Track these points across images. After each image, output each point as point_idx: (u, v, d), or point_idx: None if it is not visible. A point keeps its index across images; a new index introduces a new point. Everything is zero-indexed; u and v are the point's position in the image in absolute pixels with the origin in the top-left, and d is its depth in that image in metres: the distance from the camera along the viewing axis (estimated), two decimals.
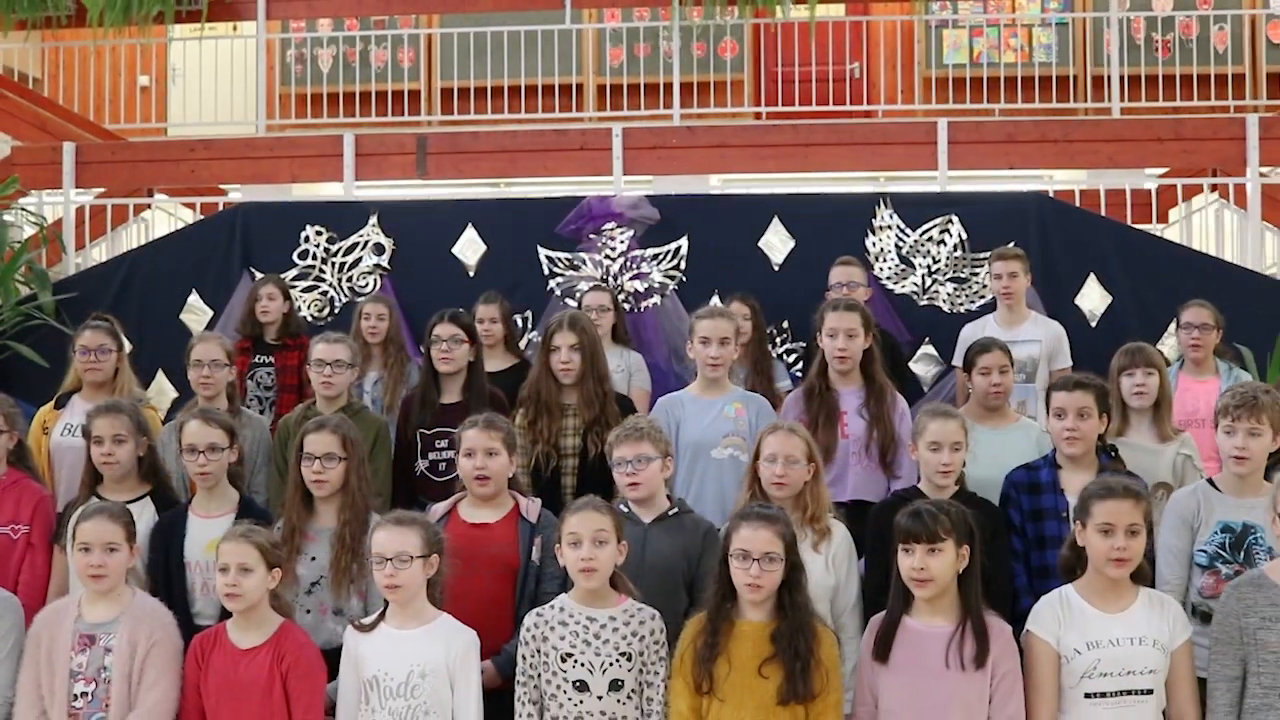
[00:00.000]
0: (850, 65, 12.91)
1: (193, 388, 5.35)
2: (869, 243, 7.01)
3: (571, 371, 5.10)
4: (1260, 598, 3.47)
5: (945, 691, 3.44)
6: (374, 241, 7.23)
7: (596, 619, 3.65)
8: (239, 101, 12.72)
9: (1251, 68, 12.18)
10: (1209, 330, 5.83)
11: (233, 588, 3.67)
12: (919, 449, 4.30)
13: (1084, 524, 3.54)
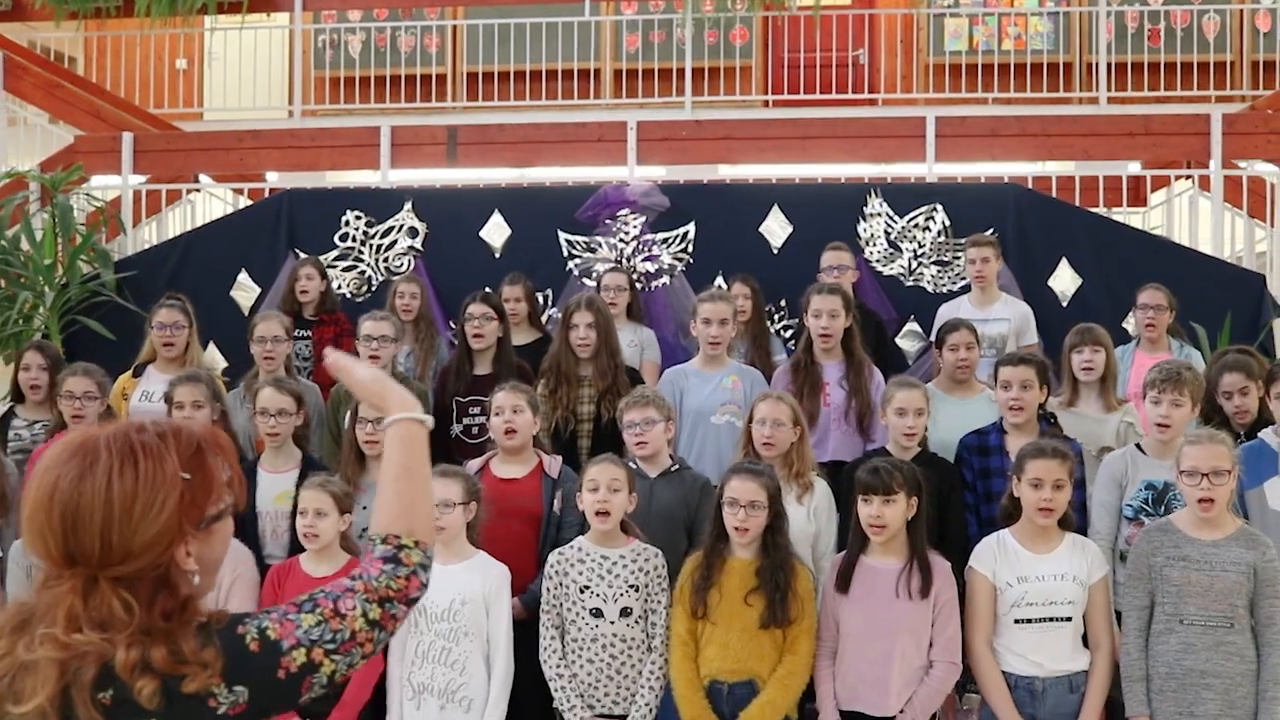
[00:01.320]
0: (855, 52, 13.49)
1: (256, 361, 6.03)
2: (860, 228, 7.62)
3: (588, 346, 5.78)
4: (1166, 540, 4.13)
5: (896, 618, 4.12)
6: (408, 225, 7.87)
7: (609, 556, 4.34)
8: (275, 86, 13.49)
9: (1239, 56, 12.75)
10: (1163, 311, 6.42)
11: (310, 528, 4.35)
12: (887, 415, 4.97)
13: (1019, 479, 4.21)
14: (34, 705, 1.78)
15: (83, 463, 1.84)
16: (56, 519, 1.83)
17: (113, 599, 1.82)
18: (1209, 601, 4.04)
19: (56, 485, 1.84)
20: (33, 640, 1.80)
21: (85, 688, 1.79)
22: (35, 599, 1.86)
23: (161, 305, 6.13)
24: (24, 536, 1.88)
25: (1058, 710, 4.11)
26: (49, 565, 1.86)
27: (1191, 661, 4.04)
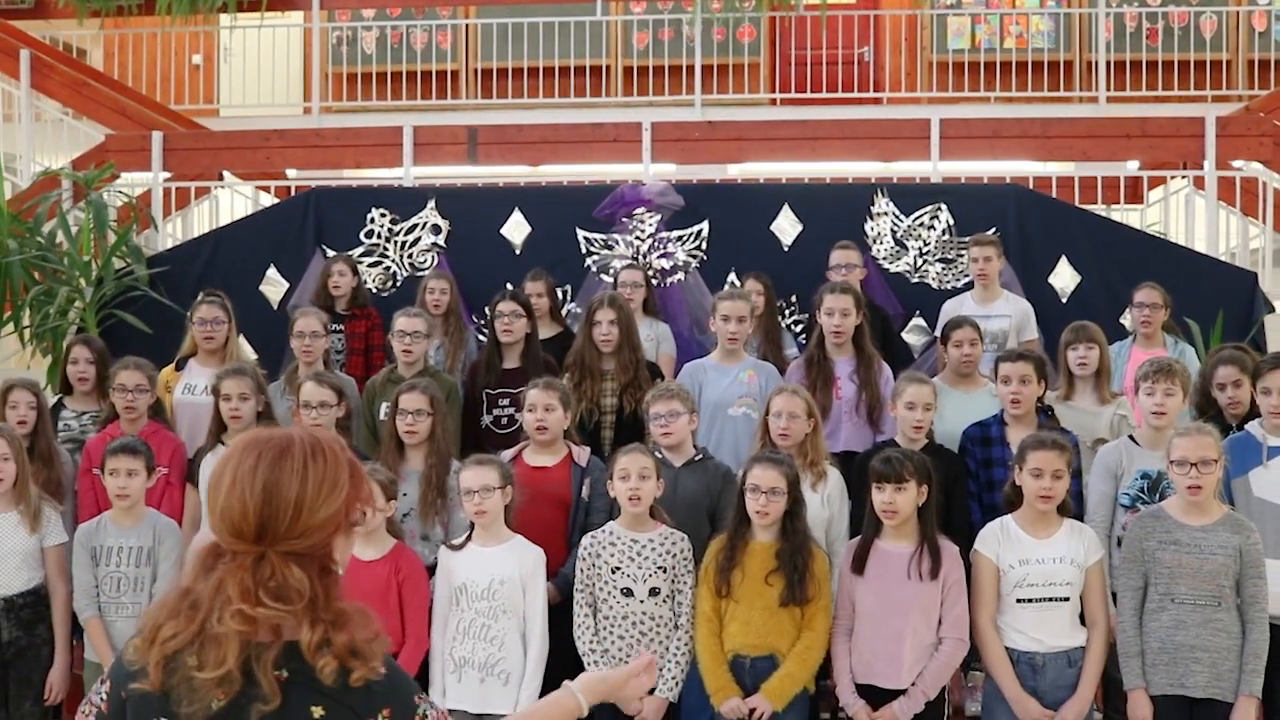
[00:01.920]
0: (860, 49, 13.77)
1: (296, 355, 6.32)
2: (868, 227, 7.90)
3: (611, 342, 6.08)
4: (1158, 526, 4.44)
5: (907, 597, 4.43)
6: (432, 223, 8.15)
7: (639, 540, 4.64)
8: (289, 83, 13.79)
9: (1235, 55, 13.05)
10: (1158, 309, 6.70)
11: None
12: (897, 408, 5.28)
13: (1020, 468, 4.51)
14: (221, 672, 2.04)
15: (279, 450, 2.13)
16: (258, 493, 2.09)
17: (285, 571, 2.08)
18: (1198, 582, 4.35)
19: (258, 465, 2.12)
20: (221, 614, 2.05)
21: (267, 664, 2.05)
22: (196, 584, 2.12)
23: (202, 301, 6.41)
24: (212, 514, 2.14)
25: (1057, 683, 4.42)
26: (227, 542, 2.12)
27: (1182, 637, 4.35)
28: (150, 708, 2.11)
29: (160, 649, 2.08)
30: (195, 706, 2.06)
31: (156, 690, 2.09)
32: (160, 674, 2.09)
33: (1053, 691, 4.42)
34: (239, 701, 2.07)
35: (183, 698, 2.07)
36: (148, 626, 2.12)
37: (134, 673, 2.12)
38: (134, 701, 2.14)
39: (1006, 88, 12.93)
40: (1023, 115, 9.67)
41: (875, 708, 4.44)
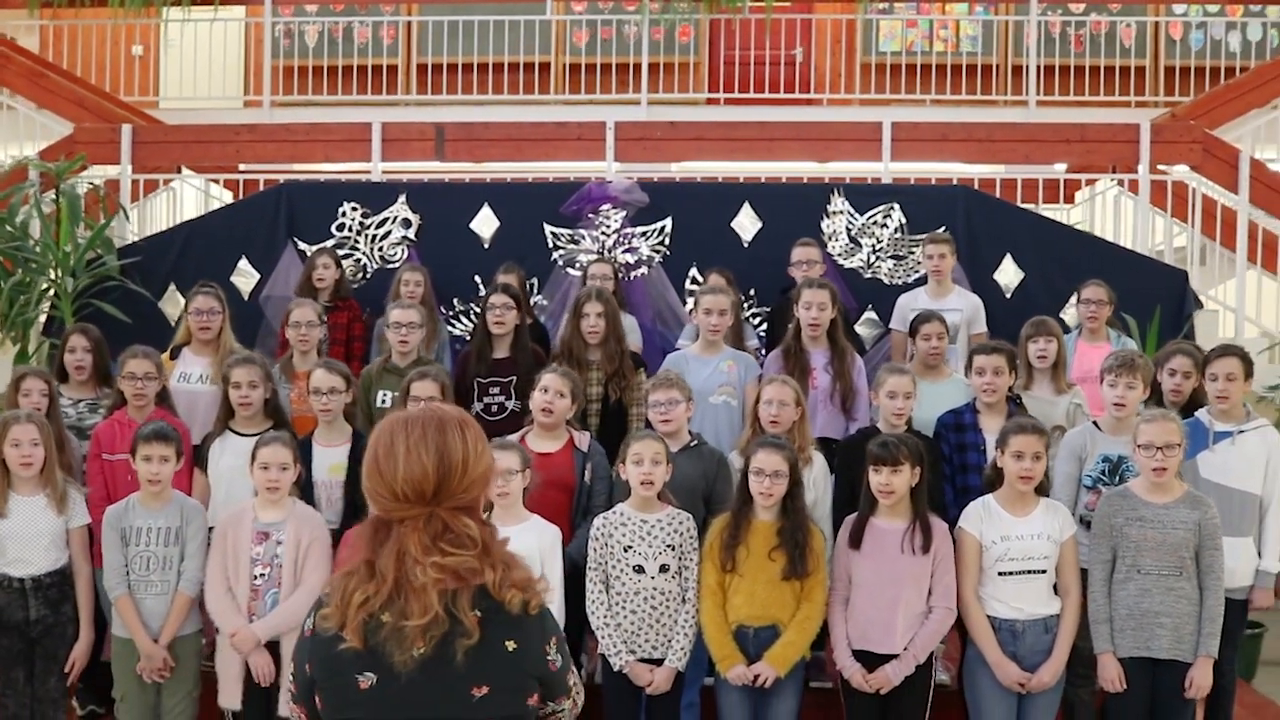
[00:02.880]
0: (795, 50, 14.17)
1: (291, 344, 6.53)
2: (824, 225, 8.28)
3: (598, 334, 6.37)
4: (1124, 504, 4.85)
5: (901, 570, 4.79)
6: (402, 217, 8.38)
7: (648, 520, 4.95)
8: (229, 76, 13.86)
9: (1154, 62, 13.68)
10: (1104, 305, 7.12)
11: None
12: (879, 397, 5.63)
13: (1002, 451, 4.88)
14: (429, 618, 2.35)
15: (437, 422, 2.47)
16: (434, 456, 2.41)
17: (456, 523, 2.42)
18: (1162, 554, 4.77)
19: (425, 435, 2.43)
20: (415, 569, 2.36)
21: (464, 605, 2.38)
22: (372, 555, 2.42)
23: (197, 292, 6.59)
24: (384, 485, 2.43)
25: (1035, 648, 4.81)
26: (397, 509, 2.42)
27: (1148, 604, 4.77)
28: (354, 664, 2.39)
29: (357, 613, 2.37)
30: (405, 655, 2.37)
31: (361, 649, 2.37)
32: (361, 634, 2.37)
33: (1030, 656, 4.81)
34: (444, 641, 2.38)
35: (392, 650, 2.37)
36: (338, 597, 2.41)
37: (330, 638, 2.40)
38: (332, 663, 2.42)
39: (939, 89, 13.43)
40: (952, 119, 10.12)
41: (870, 671, 4.81)
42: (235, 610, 4.91)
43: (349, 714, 2.43)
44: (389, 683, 2.39)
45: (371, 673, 2.40)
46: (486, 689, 2.42)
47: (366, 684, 2.40)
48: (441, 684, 2.40)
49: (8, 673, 4.97)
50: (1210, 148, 8.69)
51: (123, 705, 5.04)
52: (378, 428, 2.53)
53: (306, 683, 2.49)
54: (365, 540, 2.47)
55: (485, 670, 2.41)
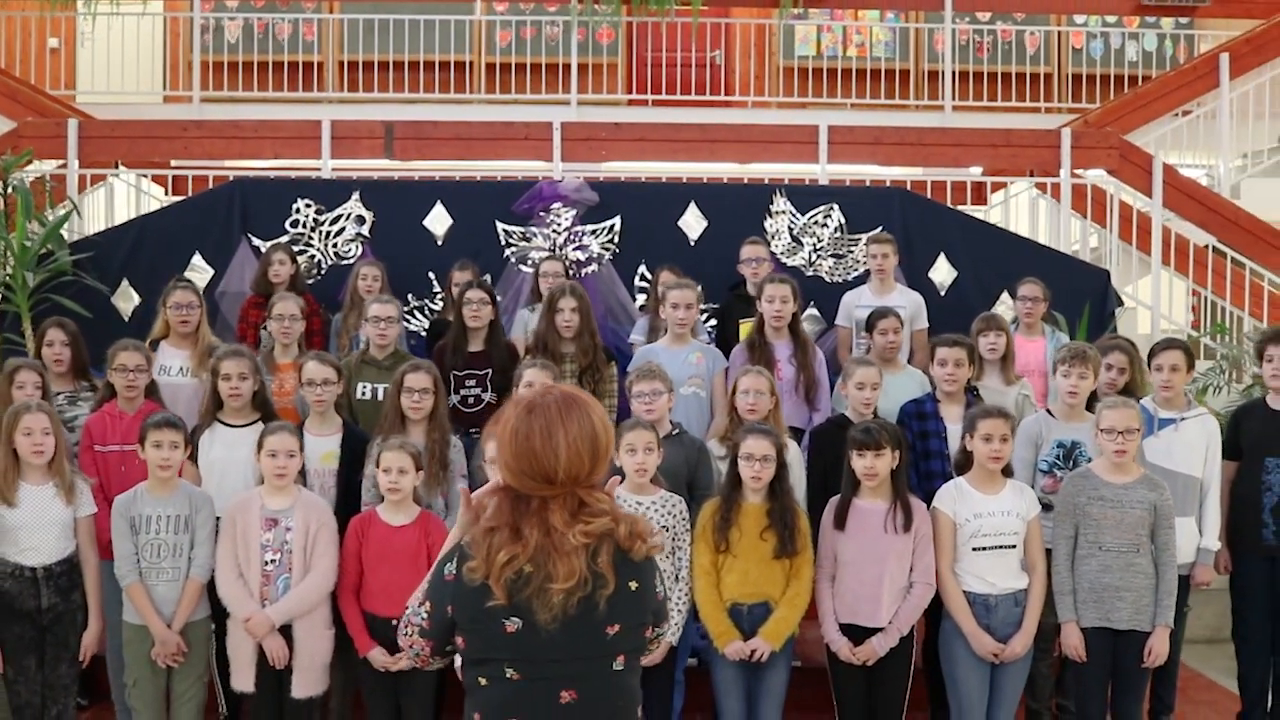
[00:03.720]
0: (712, 53, 14.54)
1: (274, 337, 6.66)
2: (767, 224, 8.60)
3: (572, 328, 6.61)
4: (1086, 484, 5.23)
5: (885, 548, 5.11)
6: (356, 214, 8.51)
7: (643, 503, 5.20)
8: (142, 69, 13.78)
9: (1059, 69, 14.31)
10: (1039, 302, 7.51)
11: (394, 484, 5.08)
12: (848, 388, 5.95)
13: (972, 435, 5.23)
14: (575, 580, 2.65)
15: (585, 412, 2.74)
16: (589, 450, 2.71)
17: (591, 498, 2.72)
18: (1121, 532, 5.16)
19: (580, 428, 2.71)
20: (565, 536, 2.66)
21: (604, 559, 2.70)
22: (514, 520, 2.70)
23: (175, 287, 6.69)
24: (538, 470, 2.70)
25: (1006, 620, 5.16)
26: (537, 488, 2.70)
27: (1109, 579, 5.15)
28: (502, 612, 2.68)
29: (501, 571, 2.65)
30: (552, 612, 2.67)
31: (505, 604, 2.66)
32: (506, 590, 2.66)
33: (1002, 628, 5.16)
34: (586, 596, 2.68)
35: (537, 608, 2.66)
36: (484, 553, 2.68)
37: (478, 589, 2.68)
38: (479, 610, 2.69)
39: (859, 94, 13.90)
40: (884, 123, 10.55)
41: (856, 645, 5.13)
42: (248, 595, 5.06)
43: (495, 654, 2.72)
44: (534, 628, 2.68)
45: (518, 618, 2.68)
46: (618, 627, 2.74)
47: (513, 628, 2.69)
48: (582, 628, 2.71)
49: (20, 660, 5.05)
50: (1126, 153, 9.21)
51: (134, 690, 5.16)
52: (523, 413, 2.76)
53: (446, 623, 2.77)
54: (505, 508, 2.73)
55: (617, 611, 2.73)
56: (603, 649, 2.75)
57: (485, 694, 2.74)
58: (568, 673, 2.72)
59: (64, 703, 5.15)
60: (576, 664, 2.72)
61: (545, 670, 2.71)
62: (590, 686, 2.73)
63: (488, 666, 2.73)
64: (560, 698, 2.71)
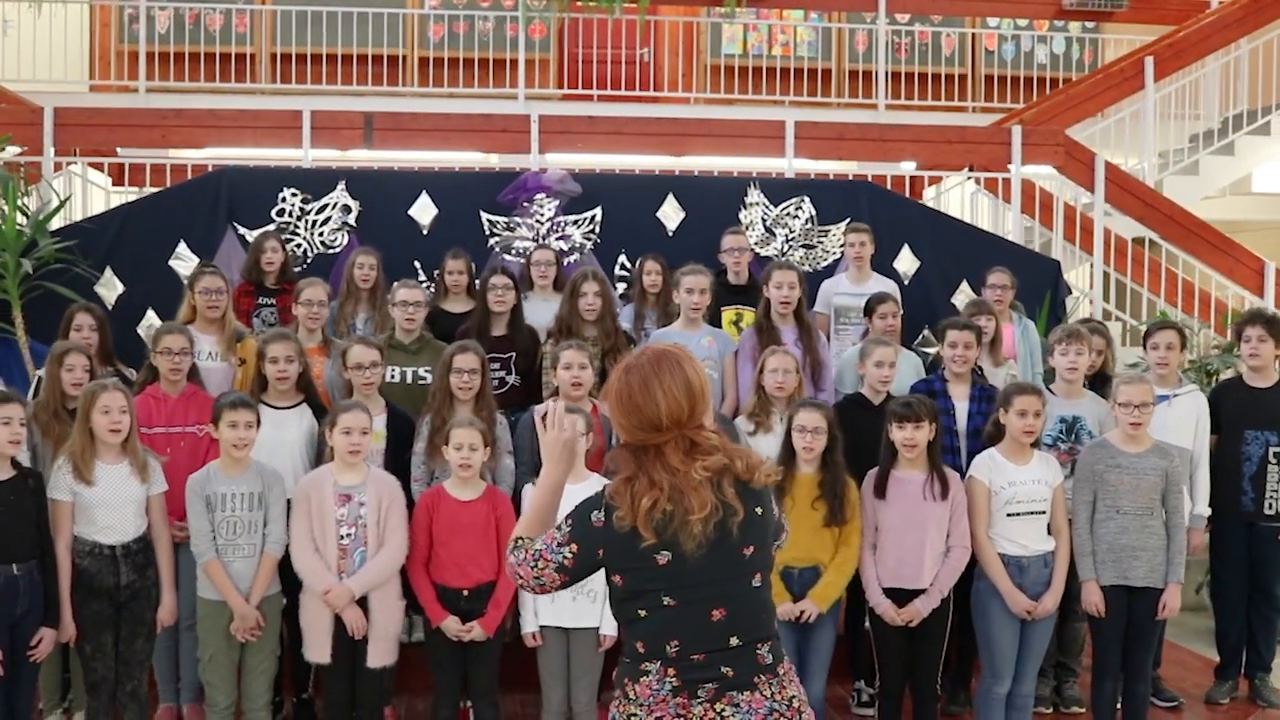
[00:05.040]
0: (641, 50, 14.83)
1: (300, 322, 6.77)
2: (741, 215, 8.92)
3: (595, 311, 6.87)
4: (1104, 454, 5.67)
5: (925, 515, 5.47)
6: (342, 203, 8.62)
7: None
8: (70, 58, 13.59)
9: (973, 69, 14.92)
10: (1007, 290, 7.91)
11: (466, 460, 5.29)
12: (867, 366, 6.31)
13: (1006, 410, 5.61)
14: (708, 509, 3.00)
15: (669, 358, 3.11)
16: (683, 389, 3.06)
17: (700, 436, 3.08)
18: (1136, 496, 5.60)
19: (670, 373, 3.07)
20: (688, 474, 3.00)
21: (727, 489, 3.04)
22: (642, 470, 3.04)
23: (203, 273, 6.76)
24: (641, 417, 3.06)
25: (1037, 580, 5.56)
26: (651, 436, 3.05)
27: (1126, 540, 5.60)
28: (652, 549, 3.02)
29: (647, 515, 3.00)
30: (695, 541, 3.01)
31: (655, 541, 3.01)
32: (653, 530, 3.01)
33: (1033, 587, 5.56)
34: (720, 522, 3.03)
35: (684, 539, 3.01)
36: (628, 502, 3.03)
37: (628, 533, 3.03)
38: (632, 551, 3.03)
39: (772, 90, 14.33)
40: (847, 119, 11.00)
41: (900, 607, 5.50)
42: (325, 569, 5.22)
43: (651, 586, 3.06)
44: (682, 559, 3.03)
45: (667, 551, 3.02)
46: (752, 549, 3.11)
47: (664, 561, 3.04)
48: (722, 552, 3.06)
49: (97, 637, 5.13)
50: (1071, 150, 9.75)
51: (210, 665, 5.28)
52: (621, 374, 3.13)
53: (593, 564, 3.12)
54: (631, 460, 3.10)
55: (748, 535, 3.09)
56: (742, 569, 3.09)
57: (645, 624, 3.08)
58: (715, 593, 3.06)
59: (138, 678, 5.25)
60: (721, 585, 3.07)
61: (696, 593, 3.04)
62: (736, 603, 3.08)
63: (645, 598, 3.07)
64: (712, 616, 3.05)
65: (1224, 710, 6.50)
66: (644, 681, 3.07)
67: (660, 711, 3.03)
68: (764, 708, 3.04)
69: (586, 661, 5.42)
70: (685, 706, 3.03)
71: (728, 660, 3.05)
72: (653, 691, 3.05)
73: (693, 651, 3.04)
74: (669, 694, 3.03)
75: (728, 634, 3.06)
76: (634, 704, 3.08)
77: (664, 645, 3.05)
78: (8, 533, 4.94)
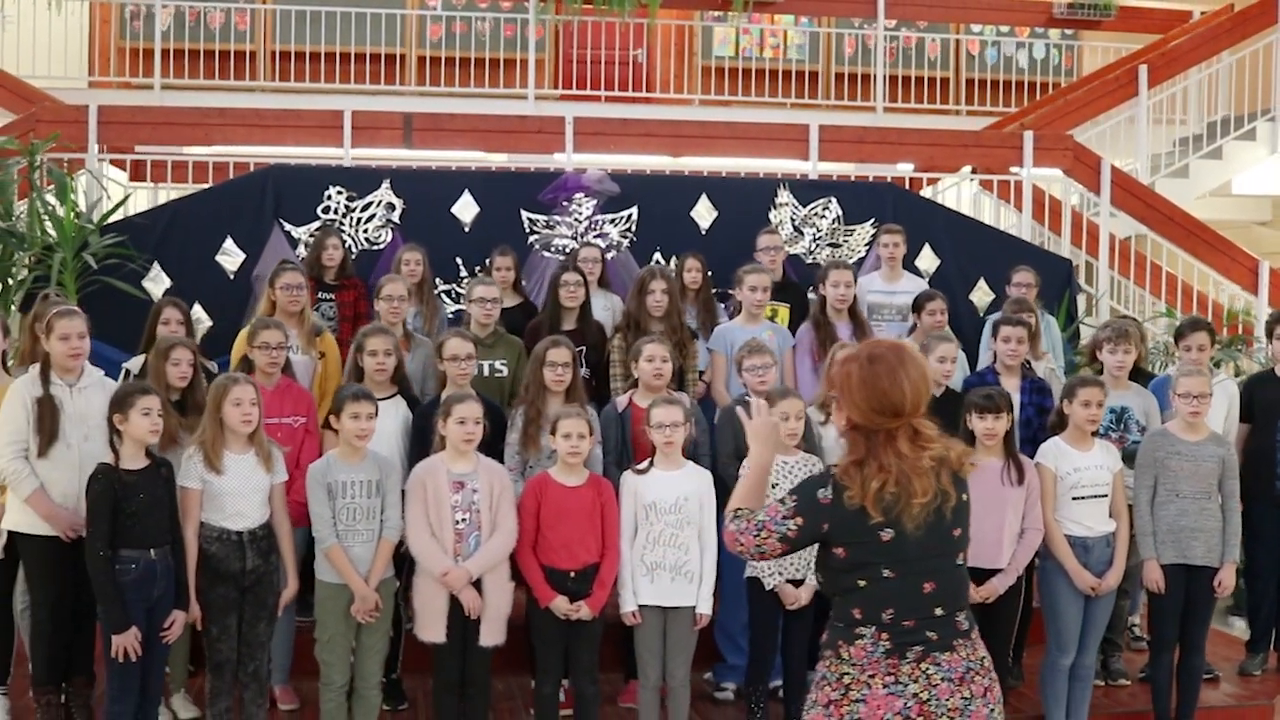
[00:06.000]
0: (635, 51, 15.13)
1: (383, 316, 6.97)
2: (771, 215, 9.25)
3: (662, 307, 7.15)
4: (1164, 442, 6.05)
5: (1003, 499, 5.80)
6: (386, 201, 8.85)
7: (788, 462, 5.80)
8: (71, 55, 13.67)
9: (955, 73, 15.38)
10: (1032, 288, 8.34)
11: (574, 449, 5.55)
12: (929, 361, 6.64)
13: (1070, 400, 5.97)
14: (933, 493, 3.33)
15: (912, 356, 3.44)
16: (922, 383, 3.39)
17: (921, 424, 3.41)
18: (1195, 481, 5.99)
19: (916, 367, 3.39)
20: (917, 460, 3.33)
21: (945, 478, 3.38)
22: (870, 454, 3.36)
23: (284, 269, 6.95)
24: (888, 405, 3.36)
25: (1100, 559, 5.92)
26: (884, 422, 3.36)
27: (1185, 521, 5.99)
28: (878, 526, 3.34)
29: (876, 496, 3.33)
30: (915, 521, 3.35)
31: (882, 519, 3.33)
32: (880, 509, 3.34)
33: (1096, 565, 5.92)
34: (937, 506, 3.37)
35: (905, 520, 3.34)
36: (858, 485, 3.34)
37: (857, 510, 3.34)
38: (860, 527, 3.34)
39: (761, 92, 14.69)
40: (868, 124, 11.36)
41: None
42: (442, 552, 5.46)
43: (873, 559, 3.39)
44: (903, 537, 3.37)
45: (890, 529, 3.36)
46: (959, 531, 3.47)
47: (887, 537, 3.37)
48: (937, 532, 3.40)
49: (223, 620, 5.33)
50: (1078, 154, 10.17)
51: (328, 645, 5.49)
52: (865, 363, 3.40)
53: (816, 536, 3.43)
54: (862, 443, 3.42)
55: (957, 518, 3.45)
56: (951, 547, 3.44)
57: (864, 592, 3.41)
58: (928, 568, 3.40)
59: (259, 659, 5.45)
60: (933, 560, 3.41)
61: (912, 568, 3.38)
62: (944, 577, 3.43)
63: (866, 570, 3.40)
64: (924, 588, 3.39)
65: (1258, 681, 6.91)
66: (859, 644, 3.38)
67: (873, 670, 3.36)
68: (961, 666, 3.39)
69: (683, 639, 5.70)
70: (895, 666, 3.36)
71: (933, 626, 3.39)
72: (867, 654, 3.37)
73: (904, 619, 3.37)
74: (881, 656, 3.36)
75: (934, 604, 3.39)
76: (847, 664, 3.40)
77: (880, 613, 3.37)
78: (147, 520, 5.13)
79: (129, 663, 5.10)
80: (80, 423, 5.57)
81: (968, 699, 3.36)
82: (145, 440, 5.18)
